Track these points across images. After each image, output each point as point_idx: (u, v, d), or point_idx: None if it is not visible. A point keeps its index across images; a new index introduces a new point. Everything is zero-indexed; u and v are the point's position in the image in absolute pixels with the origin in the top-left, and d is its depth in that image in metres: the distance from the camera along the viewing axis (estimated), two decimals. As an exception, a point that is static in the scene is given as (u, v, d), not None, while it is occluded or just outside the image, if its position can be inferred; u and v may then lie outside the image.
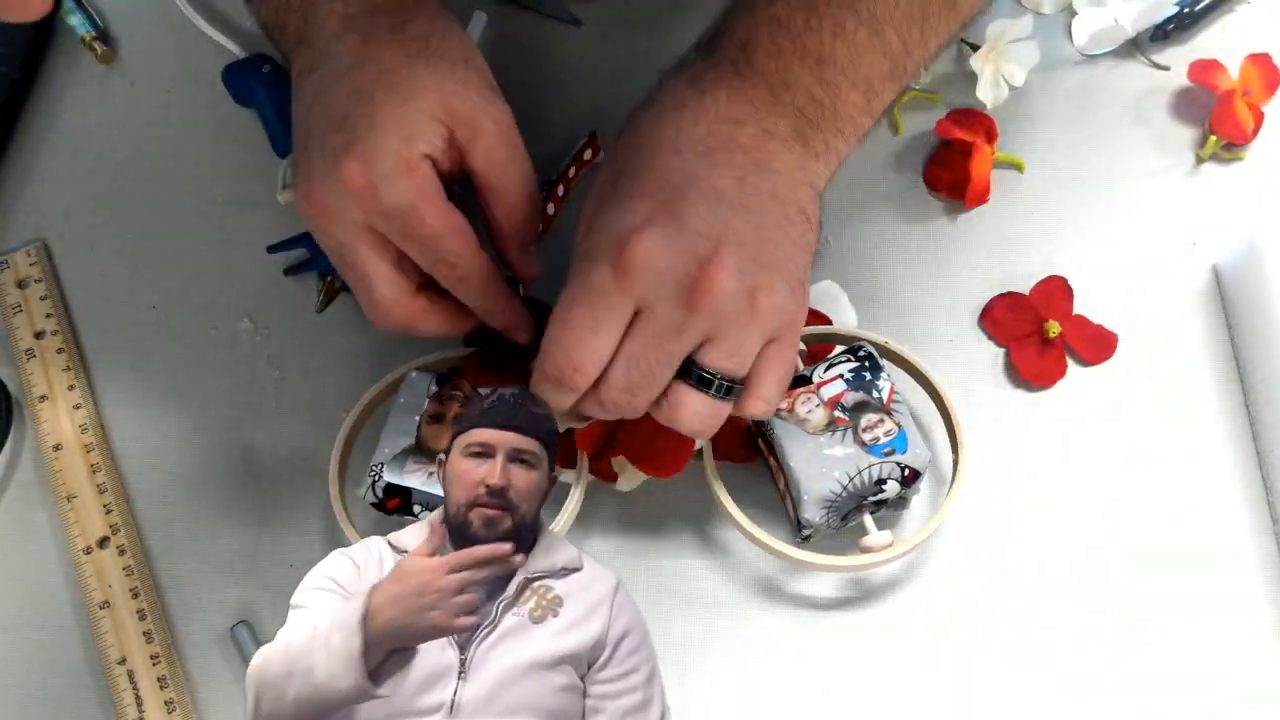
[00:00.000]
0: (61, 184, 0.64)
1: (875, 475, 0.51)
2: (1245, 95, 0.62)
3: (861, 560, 0.51)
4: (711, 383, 0.44)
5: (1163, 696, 0.52)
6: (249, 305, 0.61)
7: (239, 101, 0.64)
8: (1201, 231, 0.61)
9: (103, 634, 0.53)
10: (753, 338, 0.44)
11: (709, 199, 0.44)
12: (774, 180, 0.45)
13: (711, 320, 0.43)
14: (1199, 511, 0.55)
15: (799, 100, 0.46)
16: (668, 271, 0.43)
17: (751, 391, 0.46)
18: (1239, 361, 0.58)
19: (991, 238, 0.61)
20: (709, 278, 0.43)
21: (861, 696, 0.52)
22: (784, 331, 0.45)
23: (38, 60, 0.67)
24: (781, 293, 0.44)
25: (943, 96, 0.64)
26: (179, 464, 0.58)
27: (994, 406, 0.57)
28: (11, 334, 0.60)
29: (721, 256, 0.43)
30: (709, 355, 0.44)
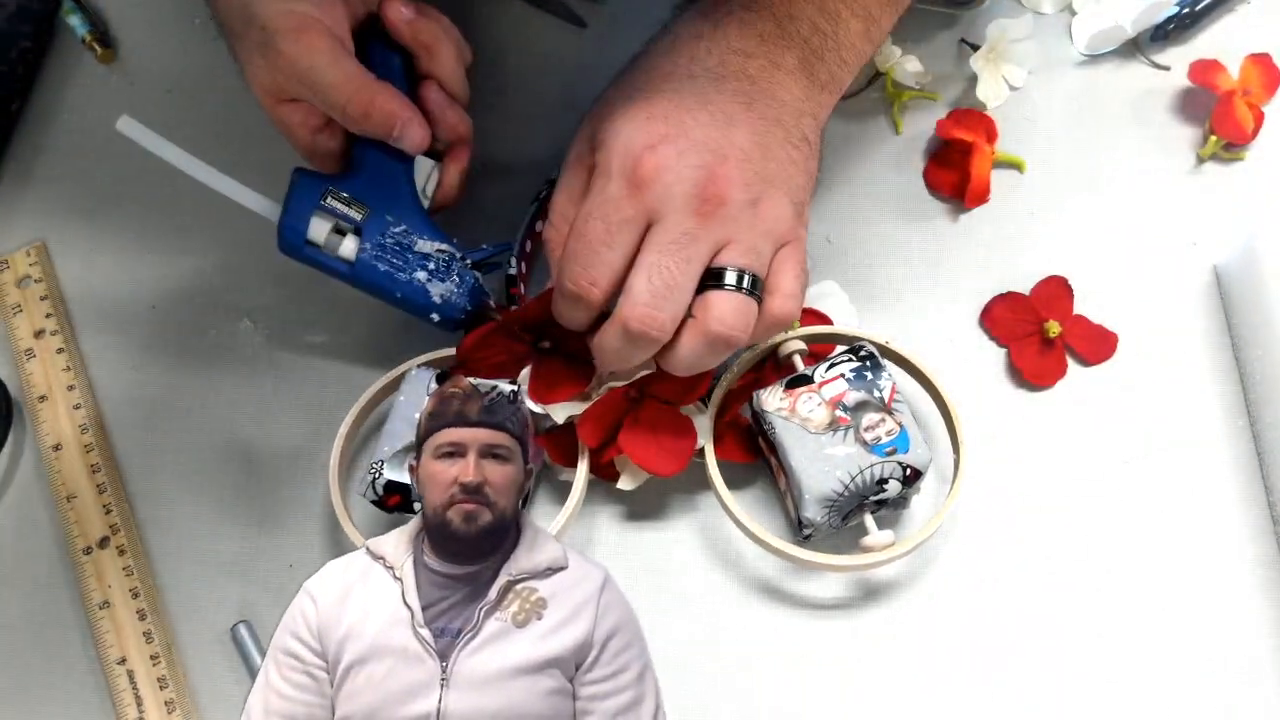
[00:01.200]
0: (61, 184, 0.64)
1: (877, 475, 0.51)
2: (1245, 95, 0.62)
3: (863, 560, 0.51)
4: (738, 278, 0.46)
5: (1164, 696, 0.52)
6: (249, 305, 0.61)
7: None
8: (1202, 231, 0.61)
9: (102, 634, 0.53)
10: (765, 240, 0.47)
11: (718, 119, 0.47)
12: (778, 108, 0.49)
13: (722, 227, 0.46)
14: (1199, 511, 0.55)
15: (804, 30, 0.50)
16: (677, 183, 0.45)
17: (775, 291, 0.47)
18: (1239, 361, 0.58)
19: (992, 238, 0.61)
20: (716, 187, 0.46)
21: (862, 696, 0.52)
22: (791, 238, 0.48)
23: (38, 60, 0.67)
24: (783, 204, 0.47)
25: (943, 96, 0.64)
26: (179, 464, 0.58)
27: (994, 406, 0.57)
28: (11, 334, 0.60)
29: (728, 169, 0.46)
30: (727, 255, 0.46)
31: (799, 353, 0.55)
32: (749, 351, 0.55)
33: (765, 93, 0.48)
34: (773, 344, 0.55)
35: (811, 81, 0.50)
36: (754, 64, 0.49)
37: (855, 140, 0.64)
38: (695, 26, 0.50)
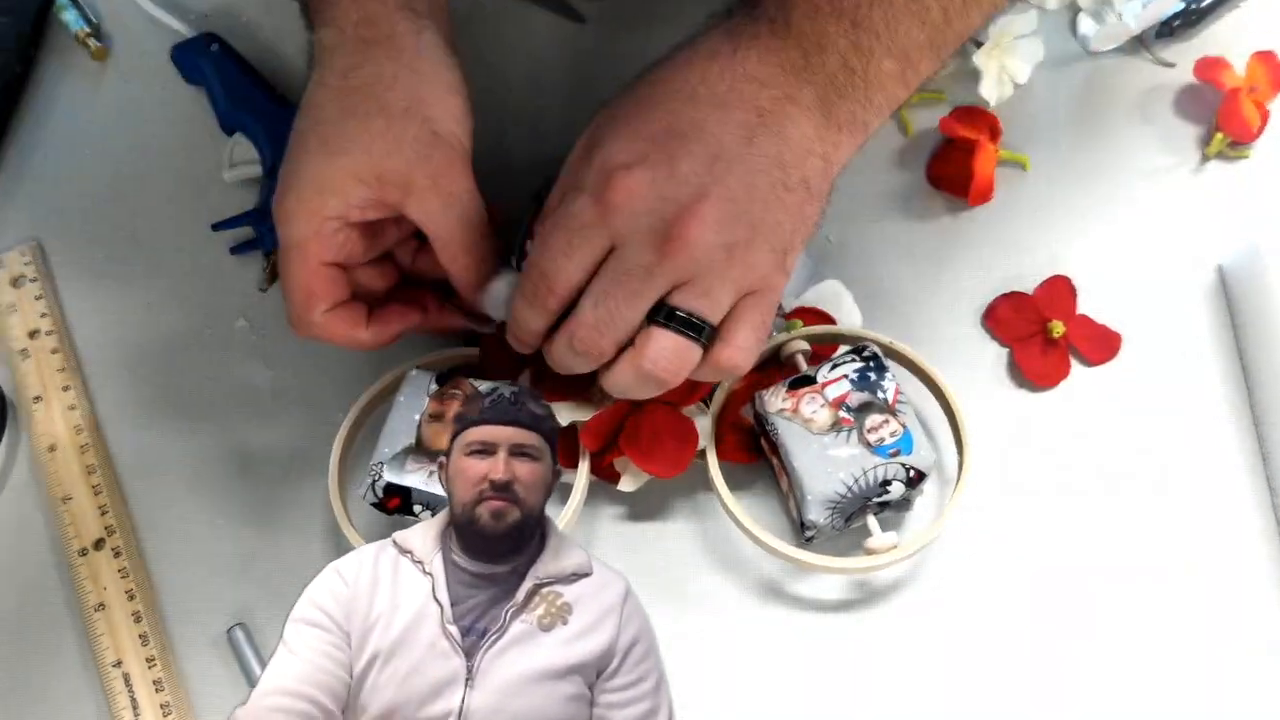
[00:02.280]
0: (55, 182, 0.64)
1: (880, 476, 0.50)
2: (1251, 93, 0.61)
3: (867, 563, 0.51)
4: (678, 319, 0.44)
5: (1165, 696, 0.52)
6: (244, 304, 0.60)
7: (188, 80, 0.65)
8: (1206, 230, 0.60)
9: (98, 636, 0.53)
10: (726, 286, 0.45)
11: (708, 150, 0.44)
12: (781, 145, 0.45)
13: (684, 268, 0.44)
14: (1203, 512, 0.55)
15: (831, 65, 0.45)
16: (644, 214, 0.43)
17: (727, 340, 0.46)
18: (1244, 361, 0.58)
19: (995, 236, 0.61)
20: (684, 227, 0.43)
21: (863, 697, 0.52)
22: (762, 288, 0.45)
23: (31, 58, 0.67)
24: (761, 253, 0.45)
25: (946, 94, 0.64)
26: (174, 465, 0.57)
27: (997, 407, 0.57)
28: (5, 334, 0.60)
29: (703, 209, 0.43)
30: (678, 296, 0.44)
31: (802, 353, 0.54)
32: None
33: (772, 128, 0.45)
34: (775, 344, 0.55)
35: (828, 120, 0.46)
36: (767, 95, 0.45)
37: (857, 138, 0.63)
38: (715, 44, 0.46)
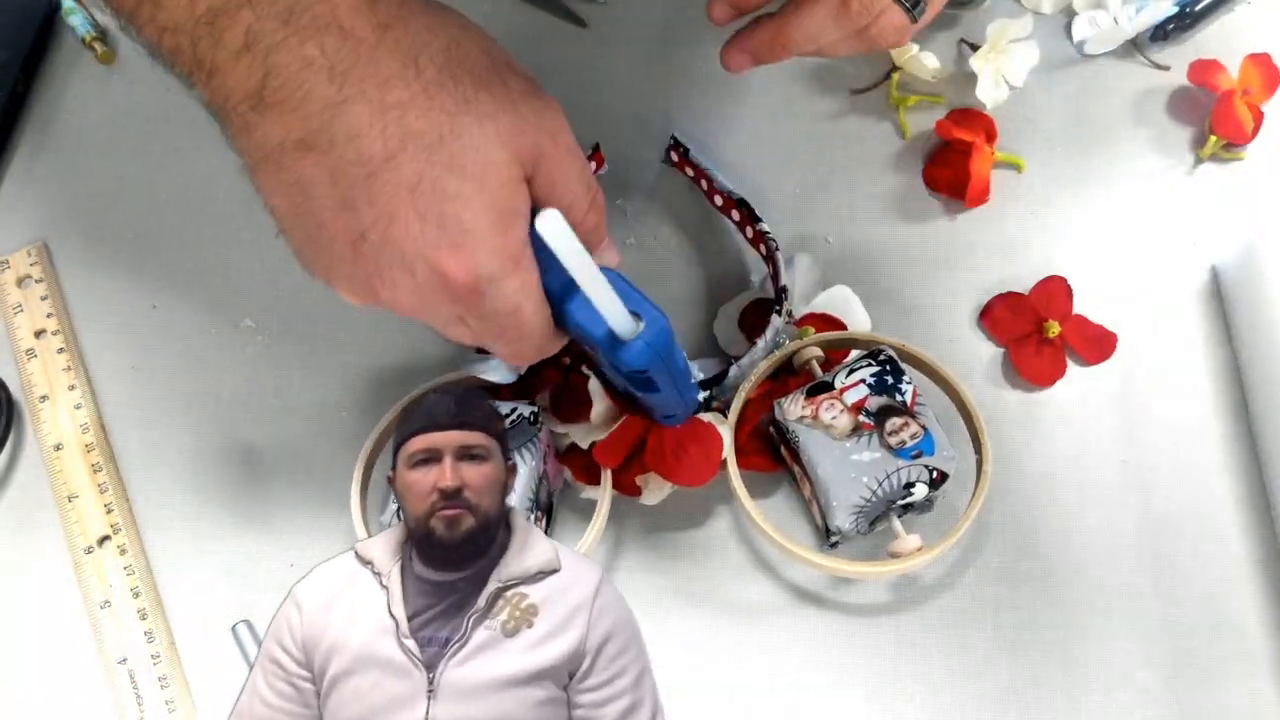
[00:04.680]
0: (62, 184, 0.64)
1: (904, 479, 0.50)
2: (1245, 95, 0.62)
3: (893, 565, 0.50)
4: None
5: (1166, 696, 0.52)
6: (250, 305, 0.61)
7: None
8: (1201, 231, 0.61)
9: (103, 633, 0.53)
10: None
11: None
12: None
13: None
14: (1198, 512, 0.55)
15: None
16: None
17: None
18: (1238, 361, 0.58)
19: (991, 238, 0.61)
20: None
21: (869, 699, 0.52)
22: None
23: (38, 60, 0.67)
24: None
25: (944, 97, 0.64)
26: (180, 463, 0.58)
27: (993, 406, 0.57)
28: (12, 334, 0.60)
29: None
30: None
31: (815, 359, 0.55)
32: (765, 360, 0.55)
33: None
34: (788, 352, 0.55)
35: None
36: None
37: (854, 140, 0.64)
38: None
